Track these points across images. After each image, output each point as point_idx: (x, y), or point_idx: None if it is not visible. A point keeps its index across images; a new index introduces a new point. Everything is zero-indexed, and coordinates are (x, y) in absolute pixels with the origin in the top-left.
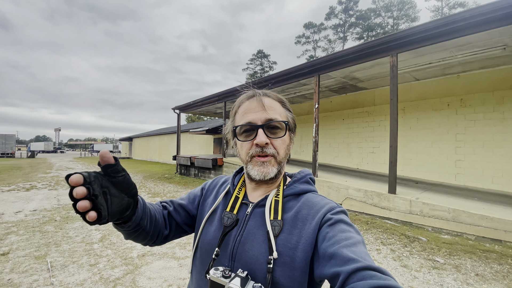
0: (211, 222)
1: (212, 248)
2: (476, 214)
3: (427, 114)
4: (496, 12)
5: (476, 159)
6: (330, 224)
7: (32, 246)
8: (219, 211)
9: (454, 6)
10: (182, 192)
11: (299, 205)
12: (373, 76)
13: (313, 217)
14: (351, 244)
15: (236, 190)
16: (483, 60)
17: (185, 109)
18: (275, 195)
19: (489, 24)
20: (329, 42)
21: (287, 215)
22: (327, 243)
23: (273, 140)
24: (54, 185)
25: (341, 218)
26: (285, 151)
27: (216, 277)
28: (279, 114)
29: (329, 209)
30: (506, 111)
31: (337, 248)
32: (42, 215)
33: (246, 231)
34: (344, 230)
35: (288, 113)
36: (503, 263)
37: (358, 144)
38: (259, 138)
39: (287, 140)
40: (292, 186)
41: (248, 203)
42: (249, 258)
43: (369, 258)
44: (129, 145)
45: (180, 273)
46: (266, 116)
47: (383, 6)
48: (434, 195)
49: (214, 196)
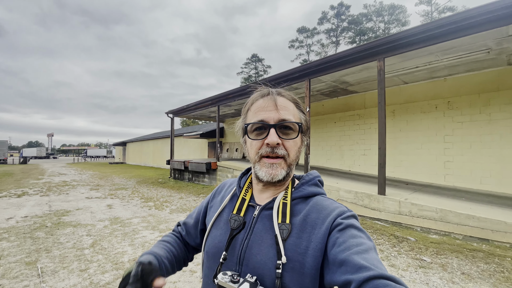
0: (217, 225)
1: (218, 251)
2: (463, 213)
3: (416, 116)
4: (478, 17)
5: (464, 160)
6: (341, 229)
7: (23, 252)
8: (226, 214)
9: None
10: (175, 196)
11: (308, 208)
12: (363, 80)
13: (322, 221)
14: (363, 251)
15: (242, 192)
16: (469, 64)
17: (178, 113)
18: (283, 197)
19: (472, 29)
20: (322, 46)
21: (296, 219)
22: (337, 248)
23: (285, 141)
24: (46, 191)
25: (352, 223)
26: (296, 153)
27: (224, 282)
28: (292, 115)
29: (339, 214)
30: (493, 113)
31: (348, 255)
32: (33, 221)
33: (254, 235)
34: (355, 235)
35: (301, 115)
36: (490, 262)
37: (350, 147)
38: (270, 137)
39: (299, 142)
40: (301, 189)
41: (255, 206)
42: (257, 262)
43: (382, 266)
44: (123, 150)
45: (170, 277)
46: (280, 116)
47: (374, 11)
48: (423, 196)
49: (220, 199)
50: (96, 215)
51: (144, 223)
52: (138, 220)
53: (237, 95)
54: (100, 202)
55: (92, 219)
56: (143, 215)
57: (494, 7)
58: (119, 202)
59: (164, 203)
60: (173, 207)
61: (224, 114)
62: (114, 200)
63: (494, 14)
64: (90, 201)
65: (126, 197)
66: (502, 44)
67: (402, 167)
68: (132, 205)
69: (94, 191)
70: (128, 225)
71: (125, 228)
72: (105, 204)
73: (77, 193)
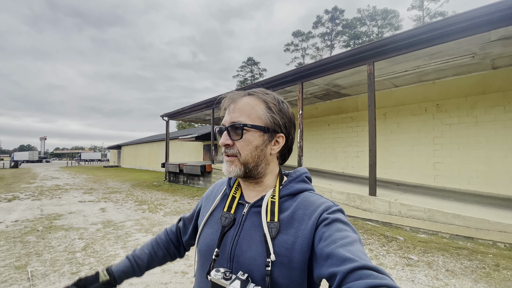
0: (209, 224)
1: (210, 249)
2: (449, 213)
3: (406, 119)
4: (462, 24)
5: (453, 161)
6: (326, 224)
7: (12, 257)
8: (217, 213)
9: (435, 15)
10: (170, 199)
11: (295, 205)
12: (355, 83)
13: (309, 217)
14: (348, 243)
15: (232, 190)
16: (455, 68)
17: (173, 116)
18: (271, 196)
19: (456, 34)
20: (317, 49)
21: (283, 215)
22: (323, 243)
23: (236, 142)
24: (38, 195)
25: (337, 217)
26: (251, 152)
27: (217, 279)
28: (247, 115)
29: (325, 209)
30: (479, 115)
31: (333, 248)
32: (24, 226)
33: (243, 232)
34: (340, 229)
35: (268, 114)
36: (473, 259)
37: (343, 149)
38: (220, 139)
39: (255, 141)
40: (288, 186)
41: (245, 203)
42: (246, 259)
43: (366, 257)
44: (118, 153)
45: (162, 278)
46: (231, 118)
47: (368, 15)
48: (412, 196)
49: (212, 199)
50: (89, 219)
51: (137, 226)
52: (132, 223)
53: None
54: (93, 206)
55: (85, 222)
56: (137, 218)
57: (477, 14)
58: (112, 205)
59: (158, 206)
60: (167, 210)
61: (219, 117)
62: (108, 204)
63: (476, 20)
64: (83, 205)
65: (120, 200)
66: (486, 49)
67: (393, 169)
68: (125, 208)
69: (87, 194)
70: (121, 228)
71: (118, 231)
72: (98, 207)
73: (70, 197)
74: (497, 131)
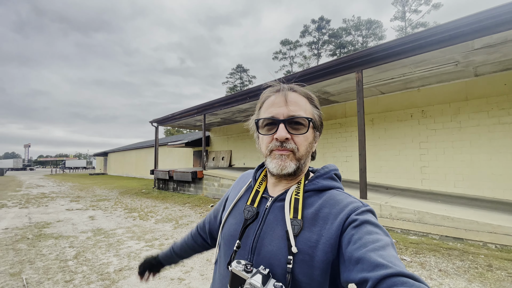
0: (233, 215)
1: (233, 239)
2: (438, 215)
3: (393, 124)
4: (445, 33)
5: (438, 165)
6: (356, 226)
7: (6, 264)
8: (241, 204)
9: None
10: (160, 207)
11: (321, 202)
12: (343, 90)
13: (335, 216)
14: (379, 248)
15: (257, 184)
16: (439, 75)
17: (163, 122)
18: (296, 192)
19: (440, 43)
20: (305, 58)
21: (307, 212)
22: (353, 246)
23: (295, 136)
24: (24, 203)
25: (367, 218)
26: (307, 148)
27: (238, 270)
28: (303, 110)
29: (353, 209)
30: (462, 121)
31: (364, 252)
32: (14, 233)
33: (266, 225)
34: (371, 232)
35: (314, 110)
36: (465, 259)
37: (332, 154)
38: (279, 132)
39: (310, 137)
40: (314, 182)
41: (268, 197)
42: (267, 252)
43: (400, 263)
44: (104, 160)
45: (158, 285)
46: (289, 112)
47: (353, 25)
48: (402, 199)
49: (237, 190)
50: (78, 227)
51: (129, 233)
52: (123, 231)
53: (224, 104)
54: (81, 214)
55: (74, 230)
56: (128, 225)
57: (460, 24)
58: (101, 213)
59: (149, 213)
60: (158, 217)
61: (210, 123)
62: (97, 212)
63: (459, 30)
64: (71, 213)
65: (109, 208)
66: (469, 57)
67: (382, 173)
68: (115, 216)
69: (74, 202)
70: (112, 236)
71: (109, 239)
72: (87, 215)
73: (56, 205)
74: (481, 135)
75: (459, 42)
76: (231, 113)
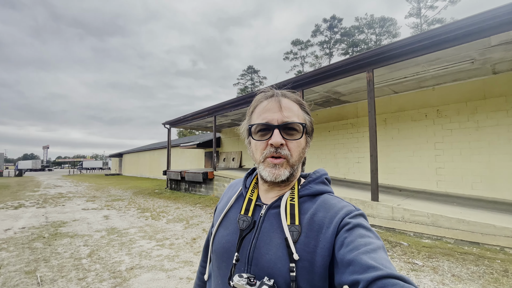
0: (224, 225)
1: (226, 252)
2: (453, 218)
3: (407, 124)
4: (460, 30)
5: (455, 166)
6: (348, 229)
7: (22, 262)
8: (232, 214)
9: (433, 22)
10: (172, 207)
11: (315, 207)
12: (354, 90)
13: (330, 221)
14: (371, 250)
15: (249, 192)
16: (455, 73)
17: (175, 124)
18: (290, 198)
19: (454, 41)
20: (316, 57)
21: (303, 217)
22: (345, 249)
23: (288, 142)
24: (42, 203)
25: (360, 222)
26: (300, 154)
27: (241, 285)
28: (296, 116)
29: (346, 213)
30: (480, 120)
31: (356, 255)
32: (30, 233)
33: (261, 234)
34: (363, 235)
35: (306, 116)
36: (480, 264)
37: (344, 155)
38: (274, 138)
39: (303, 143)
40: (308, 187)
41: (262, 205)
42: (266, 262)
43: (391, 265)
44: (119, 161)
45: (168, 284)
46: (283, 117)
47: (365, 23)
48: (415, 202)
49: (226, 200)
50: (93, 226)
51: (141, 233)
52: (135, 230)
53: (234, 105)
54: (96, 213)
55: (89, 229)
56: (140, 225)
57: (476, 20)
58: (115, 213)
59: (161, 213)
60: (169, 217)
61: (220, 124)
62: (111, 211)
63: (476, 26)
64: (86, 212)
65: (122, 208)
66: (486, 54)
67: (395, 174)
68: (128, 215)
69: (90, 202)
70: (125, 235)
71: (122, 238)
72: (101, 215)
73: (73, 205)
74: (500, 135)
75: (474, 39)
76: (241, 115)
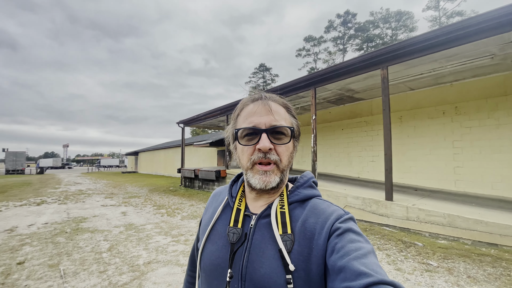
0: (212, 240)
1: (217, 269)
2: (470, 218)
3: (423, 122)
4: (479, 25)
5: (474, 165)
6: (339, 234)
7: (45, 256)
8: (220, 227)
9: (452, 15)
10: (186, 204)
11: (306, 213)
12: (368, 87)
13: (321, 226)
14: (362, 256)
15: (236, 202)
16: (474, 69)
17: (189, 123)
18: (280, 205)
19: (473, 36)
20: (329, 54)
21: (295, 225)
22: (336, 255)
23: (277, 146)
24: (63, 199)
25: (350, 226)
26: (288, 158)
27: None
28: (284, 119)
29: (337, 218)
30: (501, 118)
31: (347, 261)
32: (53, 228)
33: (253, 246)
34: (353, 240)
35: (293, 120)
36: (497, 266)
37: (358, 153)
38: (262, 142)
39: (291, 147)
40: (296, 192)
41: (251, 215)
42: (261, 276)
43: (382, 271)
44: (135, 159)
45: (183, 278)
46: (271, 121)
47: (381, 18)
48: (431, 201)
49: (212, 211)
50: (112, 222)
51: (157, 229)
52: (152, 226)
53: None
54: (115, 210)
55: (108, 225)
56: (156, 221)
57: (496, 14)
58: (132, 209)
59: (176, 210)
60: (184, 214)
61: None
62: (128, 208)
63: (495, 21)
64: (105, 209)
65: (139, 204)
66: (506, 49)
67: (411, 173)
68: (145, 212)
69: (108, 199)
70: (142, 231)
71: (139, 233)
72: (119, 211)
73: (92, 201)
74: None
75: (494, 34)
76: None
